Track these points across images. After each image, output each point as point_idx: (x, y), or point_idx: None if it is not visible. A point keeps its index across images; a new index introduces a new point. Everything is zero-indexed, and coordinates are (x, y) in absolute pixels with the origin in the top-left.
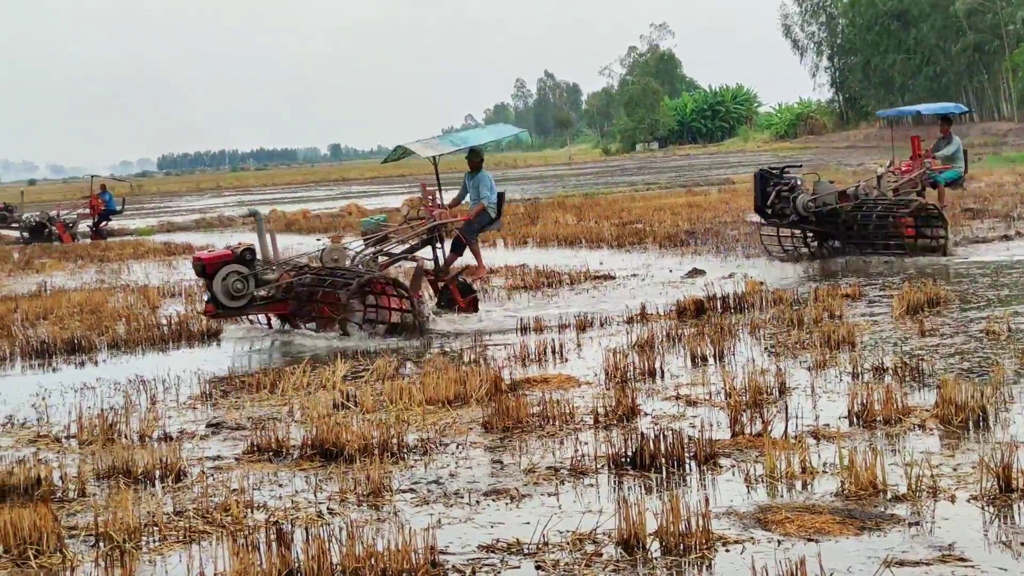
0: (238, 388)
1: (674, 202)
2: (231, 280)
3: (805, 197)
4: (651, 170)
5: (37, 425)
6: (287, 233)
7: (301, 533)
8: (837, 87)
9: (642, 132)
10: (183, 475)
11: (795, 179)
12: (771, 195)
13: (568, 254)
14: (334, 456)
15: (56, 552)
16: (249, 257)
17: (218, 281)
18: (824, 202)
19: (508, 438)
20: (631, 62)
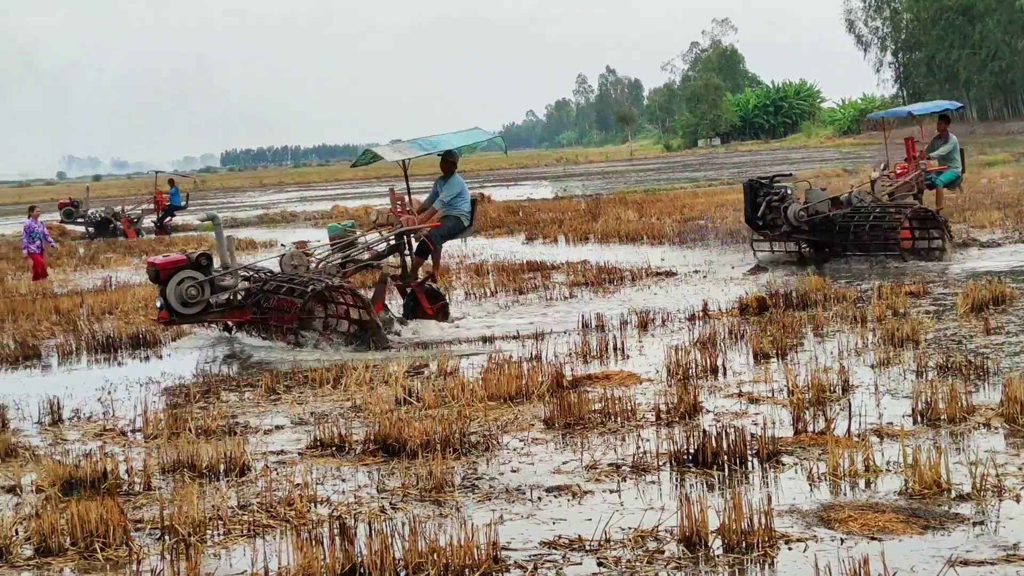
0: (301, 383)
1: (736, 198)
2: (185, 286)
3: (796, 206)
4: (713, 166)
5: (103, 419)
6: None
7: (364, 528)
8: (901, 82)
9: (704, 128)
10: (247, 469)
11: (785, 188)
12: (761, 205)
13: (629, 250)
14: (396, 451)
15: (122, 545)
16: (205, 263)
17: (172, 287)
18: (816, 211)
19: (569, 434)
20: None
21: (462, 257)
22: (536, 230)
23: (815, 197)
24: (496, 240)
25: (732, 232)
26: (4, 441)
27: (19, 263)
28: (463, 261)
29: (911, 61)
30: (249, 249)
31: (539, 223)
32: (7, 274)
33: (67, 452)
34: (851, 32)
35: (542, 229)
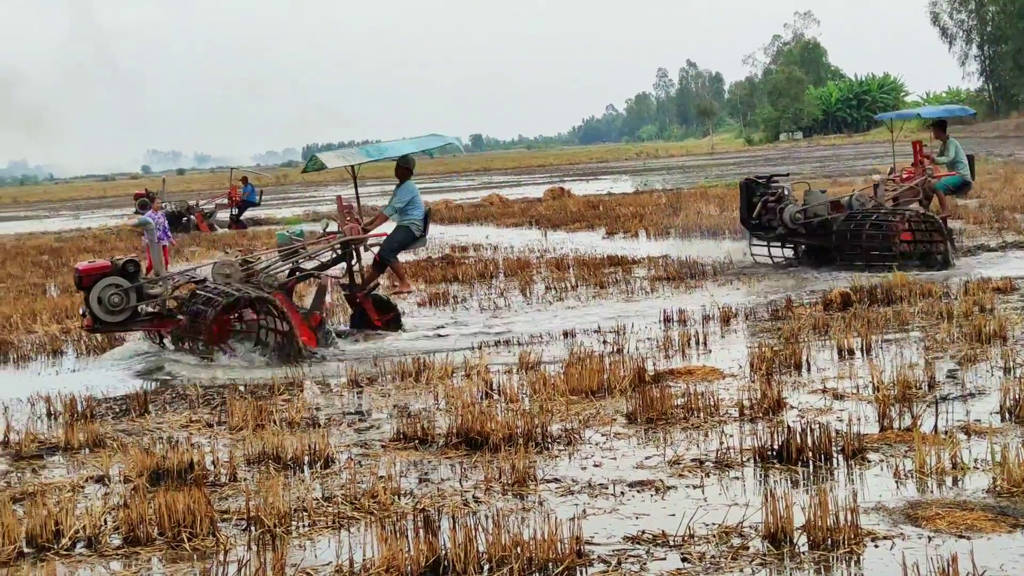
0: (384, 376)
1: None
2: (108, 294)
3: (793, 208)
4: (795, 160)
5: (190, 410)
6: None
7: (448, 521)
8: (987, 76)
9: (786, 122)
10: (331, 461)
11: (783, 188)
12: (757, 206)
13: (711, 245)
14: (479, 445)
15: (209, 535)
16: (132, 270)
17: (94, 294)
18: (815, 213)
19: (652, 430)
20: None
21: (543, 251)
22: (616, 224)
23: (814, 199)
24: (576, 234)
25: None
26: (92, 431)
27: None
28: (544, 255)
29: (997, 54)
30: None
31: (619, 217)
32: None
33: (154, 443)
34: (935, 24)
35: (623, 223)
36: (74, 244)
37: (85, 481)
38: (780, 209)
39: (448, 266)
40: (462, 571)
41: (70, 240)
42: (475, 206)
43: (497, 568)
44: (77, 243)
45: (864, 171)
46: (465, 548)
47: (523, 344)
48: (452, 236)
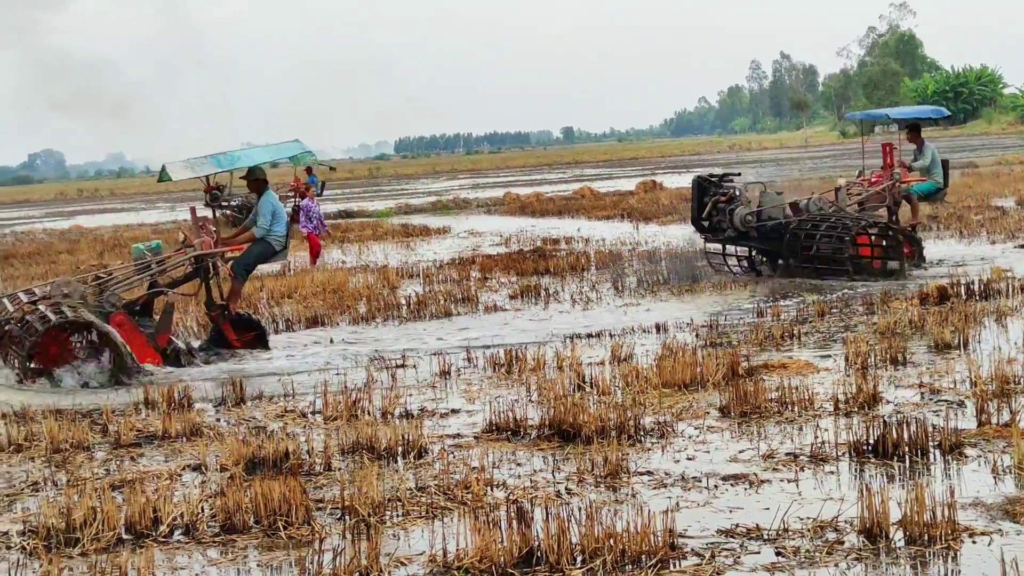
0: (475, 367)
1: None
2: None
3: (744, 210)
4: None
5: (284, 400)
6: (521, 216)
7: (540, 512)
8: None
9: None
10: (424, 452)
11: (734, 189)
12: (708, 206)
13: None
14: (571, 437)
15: (304, 524)
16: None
17: None
18: (769, 216)
19: (746, 423)
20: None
21: (635, 244)
22: None
23: (769, 201)
24: (669, 227)
25: None
26: (189, 420)
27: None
28: (636, 248)
29: None
30: (423, 235)
31: None
32: None
33: (250, 432)
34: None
35: None
36: (171, 235)
37: (182, 469)
38: (731, 211)
39: (539, 259)
40: (555, 563)
41: (166, 232)
42: (566, 199)
43: (590, 560)
44: (173, 234)
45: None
46: (558, 540)
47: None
48: (544, 229)
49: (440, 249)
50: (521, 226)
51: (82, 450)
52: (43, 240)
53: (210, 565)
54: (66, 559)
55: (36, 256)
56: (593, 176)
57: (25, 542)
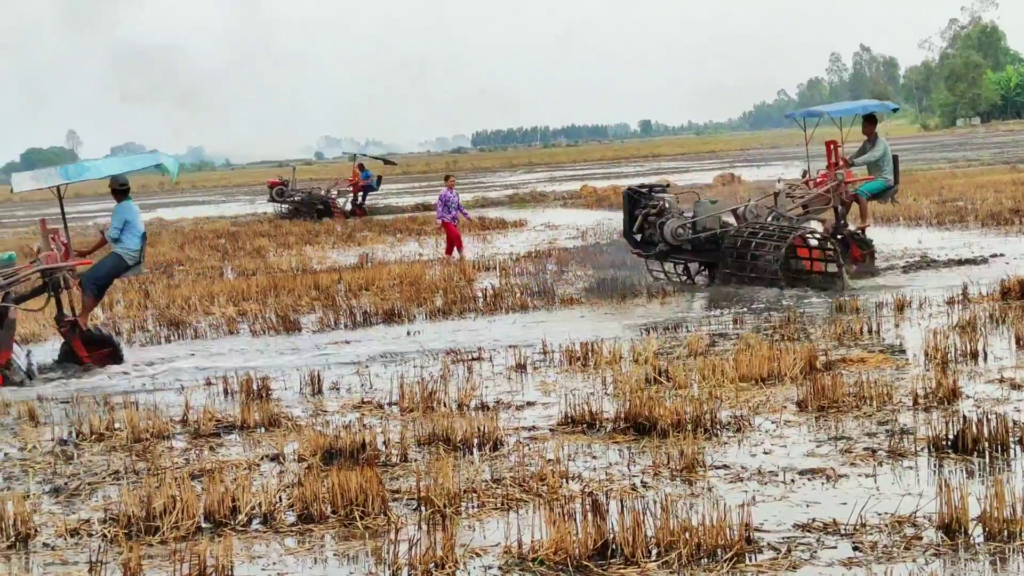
0: (550, 361)
1: (997, 179)
2: None
3: (675, 222)
4: (972, 146)
5: (361, 392)
6: (598, 209)
7: (616, 505)
8: None
9: (963, 107)
10: (500, 444)
11: (663, 201)
12: (638, 219)
13: (884, 232)
14: (647, 430)
15: (381, 514)
16: None
17: None
18: (704, 226)
19: (823, 418)
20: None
21: None
22: None
23: (703, 211)
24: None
25: (993, 214)
26: (267, 411)
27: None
28: None
29: None
30: (499, 228)
31: None
32: (268, 251)
33: (327, 423)
34: None
35: None
36: (249, 228)
37: (260, 459)
38: (661, 224)
39: (618, 252)
40: (630, 555)
41: (245, 224)
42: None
43: (665, 553)
44: (253, 227)
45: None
46: (633, 533)
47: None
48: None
49: (517, 242)
50: (598, 219)
51: (162, 439)
52: None
53: (287, 554)
54: (146, 547)
55: None
56: (671, 169)
57: (106, 530)
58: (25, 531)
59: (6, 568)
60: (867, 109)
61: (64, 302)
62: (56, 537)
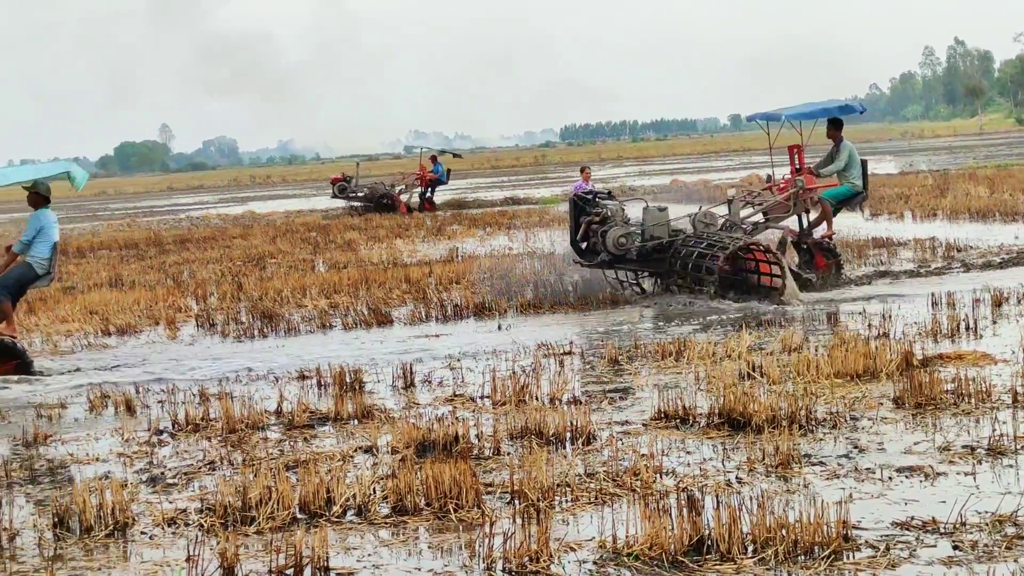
0: (643, 355)
1: None
2: None
3: (617, 231)
4: None
5: (453, 385)
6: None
7: (711, 500)
8: None
9: None
10: (592, 438)
11: (607, 209)
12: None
13: (980, 228)
14: (741, 426)
15: (474, 507)
16: None
17: None
18: (652, 235)
19: (920, 415)
20: None
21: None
22: (880, 205)
23: (651, 219)
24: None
25: None
26: (361, 403)
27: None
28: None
29: None
30: None
31: (883, 198)
32: (359, 244)
33: (420, 416)
34: None
35: (887, 205)
36: (340, 222)
37: (354, 451)
38: (603, 232)
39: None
40: (725, 552)
41: (335, 218)
42: (733, 186)
43: (761, 550)
44: (343, 220)
45: None
46: (729, 529)
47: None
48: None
49: None
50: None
51: (257, 430)
52: (217, 225)
53: (382, 546)
54: (242, 536)
55: (211, 240)
56: (761, 163)
57: (202, 519)
58: (123, 520)
59: (106, 556)
60: (829, 112)
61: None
62: (153, 526)
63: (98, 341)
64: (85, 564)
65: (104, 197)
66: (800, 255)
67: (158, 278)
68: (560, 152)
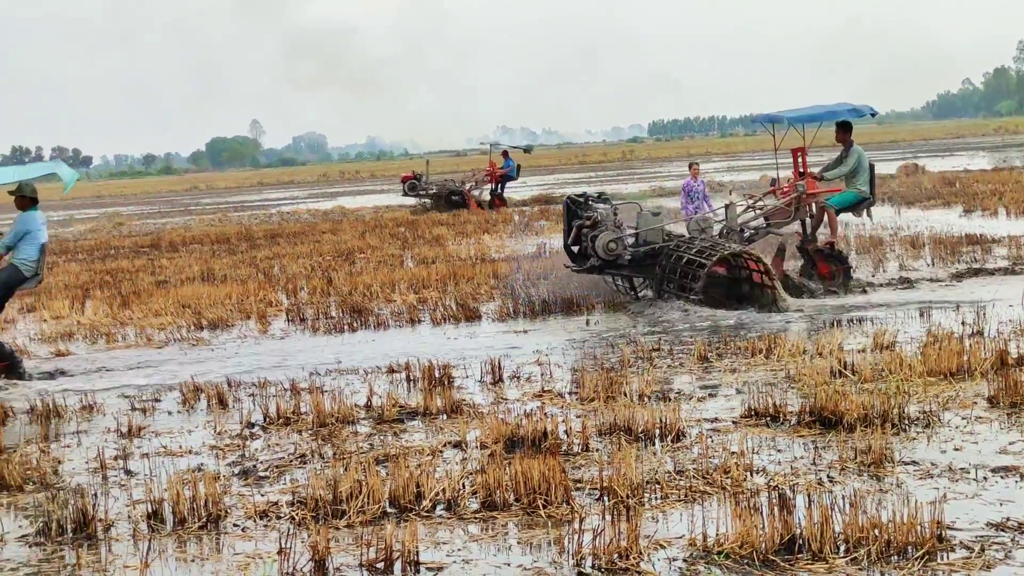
0: (733, 352)
1: None
2: None
3: (607, 235)
4: None
5: (541, 380)
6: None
7: (802, 499)
8: None
9: None
10: (682, 435)
11: (598, 212)
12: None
13: None
14: (832, 424)
15: (563, 503)
16: None
17: None
18: (646, 240)
19: (1016, 414)
20: None
21: (896, 229)
22: (974, 202)
23: (645, 223)
24: (931, 212)
25: None
26: (449, 398)
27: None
28: (897, 233)
29: None
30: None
31: (977, 195)
32: (447, 239)
33: (509, 411)
34: None
35: (980, 201)
36: (428, 217)
37: (443, 446)
38: (593, 237)
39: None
40: (817, 551)
41: (423, 213)
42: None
43: (853, 549)
44: (431, 216)
45: None
46: (821, 528)
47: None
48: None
49: None
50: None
51: (347, 424)
52: (307, 220)
53: (471, 541)
54: (333, 530)
55: (301, 235)
56: None
57: (294, 512)
58: (216, 512)
59: (198, 548)
60: (836, 116)
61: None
62: (246, 519)
63: (191, 335)
64: (178, 556)
65: (196, 192)
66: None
67: (249, 272)
68: (648, 147)
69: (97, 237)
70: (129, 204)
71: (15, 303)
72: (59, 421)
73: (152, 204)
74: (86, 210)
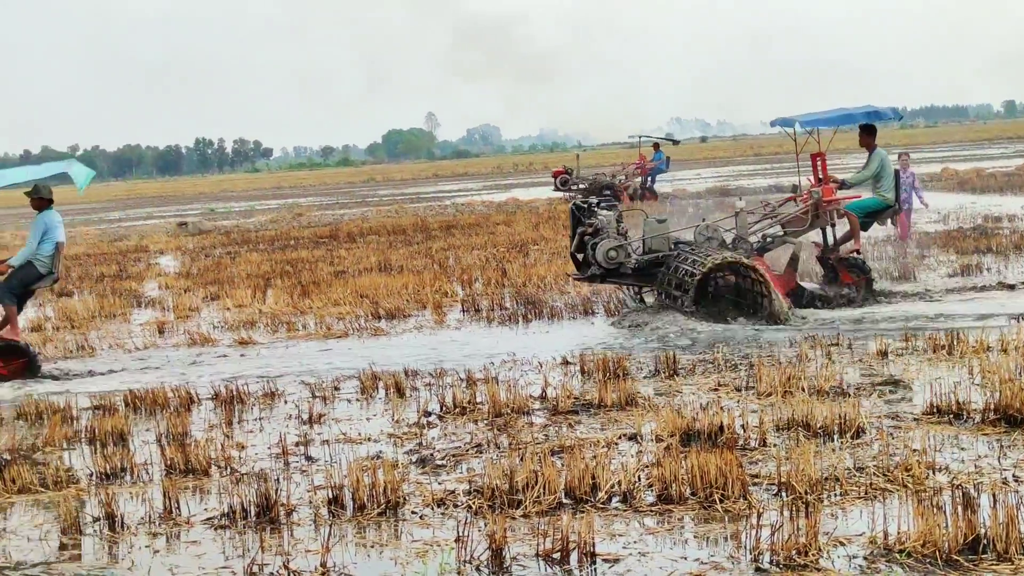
0: (913, 348)
1: None
2: None
3: (607, 244)
4: None
5: (716, 374)
6: (959, 192)
7: (987, 498)
8: None
9: None
10: (861, 431)
11: (601, 220)
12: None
13: None
14: (1019, 422)
15: (740, 498)
16: None
17: None
18: (651, 248)
19: None
20: None
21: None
22: None
23: (651, 230)
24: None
25: None
26: (624, 390)
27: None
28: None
29: None
30: None
31: None
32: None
33: (684, 404)
34: None
35: None
36: None
37: (618, 438)
38: (594, 245)
39: (981, 237)
40: (1003, 551)
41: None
42: (1008, 175)
43: None
44: None
45: None
46: (1007, 528)
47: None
48: (984, 206)
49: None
50: (960, 203)
51: (522, 415)
52: (481, 212)
53: (647, 534)
54: (509, 519)
55: (476, 227)
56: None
57: (471, 501)
58: (394, 499)
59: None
60: (853, 119)
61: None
62: (423, 506)
63: (368, 324)
64: (358, 541)
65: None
66: (825, 271)
67: (425, 263)
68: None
69: (278, 227)
70: (308, 195)
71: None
72: (242, 407)
73: (330, 195)
74: (267, 201)
